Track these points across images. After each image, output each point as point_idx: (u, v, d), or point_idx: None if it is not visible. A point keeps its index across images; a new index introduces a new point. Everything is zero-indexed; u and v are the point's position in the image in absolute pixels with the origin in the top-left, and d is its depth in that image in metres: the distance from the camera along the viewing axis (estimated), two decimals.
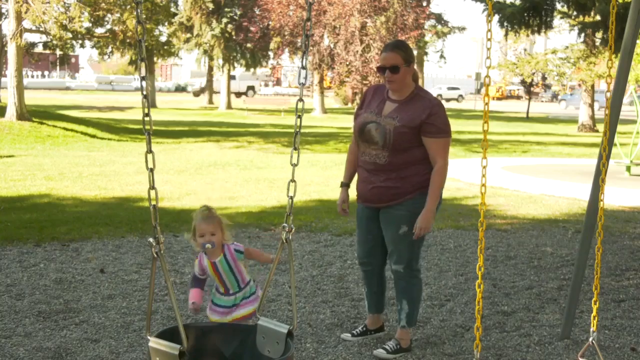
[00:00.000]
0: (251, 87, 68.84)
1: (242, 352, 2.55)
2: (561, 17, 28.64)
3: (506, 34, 16.44)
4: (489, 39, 3.28)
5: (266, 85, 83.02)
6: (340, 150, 20.25)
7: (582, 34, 23.66)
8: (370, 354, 4.91)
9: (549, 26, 15.53)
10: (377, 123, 4.63)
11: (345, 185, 5.02)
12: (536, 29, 15.19)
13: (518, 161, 18.37)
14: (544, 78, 47.72)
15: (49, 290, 6.13)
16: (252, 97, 58.74)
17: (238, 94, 64.38)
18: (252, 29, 36.36)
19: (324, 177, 14.02)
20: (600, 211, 4.34)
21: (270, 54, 38.72)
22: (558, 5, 16.47)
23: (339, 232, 8.71)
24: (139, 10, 2.23)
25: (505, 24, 15.09)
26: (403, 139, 4.56)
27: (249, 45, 40.42)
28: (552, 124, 39.97)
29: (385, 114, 4.64)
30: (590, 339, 4.26)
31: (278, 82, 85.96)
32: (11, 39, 21.99)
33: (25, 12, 21.59)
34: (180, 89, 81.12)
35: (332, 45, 29.11)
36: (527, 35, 22.49)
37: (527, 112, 47.00)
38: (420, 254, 4.94)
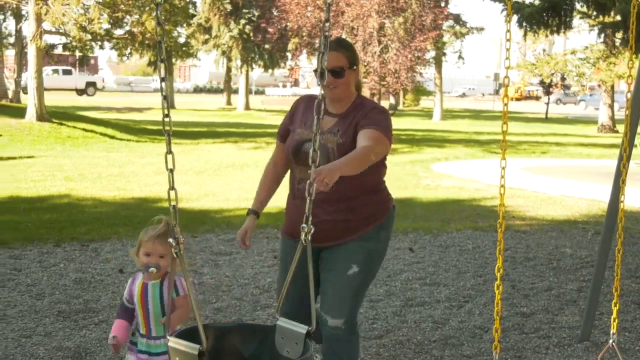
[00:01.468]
0: (92, 84, 57.61)
1: (261, 352, 2.56)
2: (580, 17, 28.46)
3: (525, 35, 16.35)
4: (508, 40, 3.27)
5: (284, 85, 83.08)
6: None
7: (602, 34, 23.48)
8: (389, 354, 4.90)
9: (568, 26, 15.43)
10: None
11: (254, 213, 3.93)
12: (555, 29, 15.10)
13: (537, 162, 18.29)
14: (563, 78, 47.46)
15: (69, 290, 6.17)
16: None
17: (79, 91, 56.32)
18: (270, 30, 36.38)
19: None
20: (620, 212, 4.31)
21: (289, 54, 38.78)
22: (577, 5, 16.37)
23: None
24: (158, 12, 2.24)
25: (524, 24, 15.01)
26: None
27: (267, 46, 40.50)
28: (572, 124, 39.76)
29: (325, 129, 3.67)
30: (610, 341, 4.24)
31: (296, 83, 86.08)
32: (31, 40, 22.16)
33: (45, 14, 21.74)
34: (199, 90, 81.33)
35: None
36: (546, 36, 22.36)
37: (546, 113, 46.79)
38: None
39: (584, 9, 19.24)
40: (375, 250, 3.77)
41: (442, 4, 32.66)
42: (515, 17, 15.10)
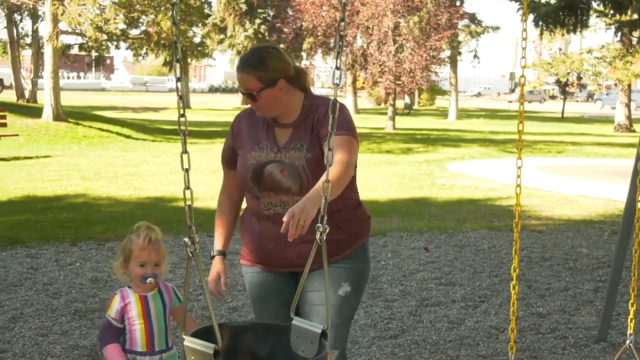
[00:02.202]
0: None
1: (276, 351, 2.56)
2: (597, 16, 28.37)
3: (541, 33, 16.32)
4: (524, 39, 3.25)
5: None
6: (373, 150, 20.21)
7: (619, 33, 23.41)
8: (404, 354, 4.89)
9: (584, 25, 15.39)
10: (280, 162, 3.15)
11: (221, 254, 3.49)
12: (572, 28, 15.07)
13: (553, 162, 18.21)
14: (579, 78, 47.23)
15: (85, 289, 6.20)
16: None
17: None
18: (285, 29, 36.49)
19: (357, 177, 13.99)
20: (637, 212, 4.28)
21: (303, 54, 38.86)
22: (594, 4, 16.31)
23: (371, 232, 8.70)
24: (174, 12, 2.24)
25: (540, 23, 14.98)
26: (322, 172, 2.87)
27: (282, 45, 40.54)
28: (588, 124, 39.57)
29: (283, 144, 3.19)
30: (627, 342, 4.21)
31: (311, 82, 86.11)
32: (47, 40, 22.30)
33: (62, 14, 21.88)
34: (214, 89, 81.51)
35: (365, 46, 29.13)
36: (562, 35, 22.30)
37: (562, 112, 46.57)
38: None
39: (601, 8, 19.16)
40: (364, 270, 3.37)
41: (458, 3, 32.65)
42: (531, 16, 15.04)
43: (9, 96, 34.29)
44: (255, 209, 3.26)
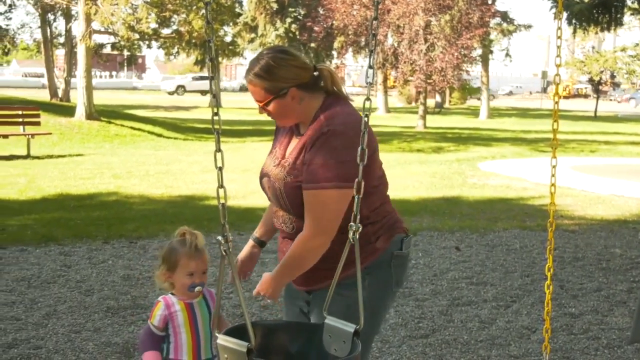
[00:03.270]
0: None
1: (309, 350, 2.56)
2: (631, 14, 28.06)
3: (574, 32, 16.15)
4: (558, 37, 3.22)
5: None
6: (404, 149, 20.15)
7: None
8: (435, 354, 4.88)
9: (619, 23, 15.20)
10: (269, 178, 2.95)
11: (257, 241, 3.34)
12: (605, 26, 14.88)
13: (586, 161, 18.03)
14: (612, 76, 46.74)
15: (117, 287, 6.25)
16: None
17: None
18: (316, 28, 36.51)
19: (388, 176, 13.96)
20: None
21: (334, 53, 38.86)
22: (628, 2, 16.11)
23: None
24: (207, 11, 2.25)
25: (573, 21, 14.83)
26: (301, 200, 2.83)
27: (312, 44, 40.60)
28: (621, 123, 39.12)
29: (287, 156, 2.93)
30: None
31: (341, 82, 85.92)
32: (80, 40, 22.52)
33: (94, 14, 22.08)
34: (245, 88, 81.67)
35: (396, 45, 29.05)
36: (596, 33, 22.09)
37: (595, 111, 46.08)
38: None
39: (635, 5, 18.91)
40: (357, 301, 2.55)
41: (489, 1, 32.40)
42: (564, 14, 14.89)
43: (43, 95, 34.67)
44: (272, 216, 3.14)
